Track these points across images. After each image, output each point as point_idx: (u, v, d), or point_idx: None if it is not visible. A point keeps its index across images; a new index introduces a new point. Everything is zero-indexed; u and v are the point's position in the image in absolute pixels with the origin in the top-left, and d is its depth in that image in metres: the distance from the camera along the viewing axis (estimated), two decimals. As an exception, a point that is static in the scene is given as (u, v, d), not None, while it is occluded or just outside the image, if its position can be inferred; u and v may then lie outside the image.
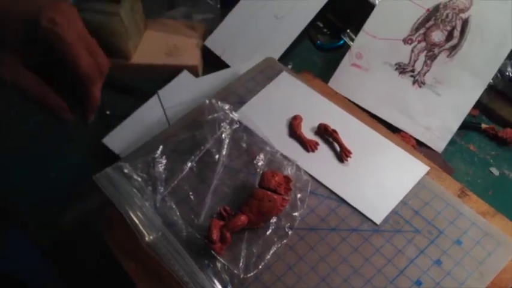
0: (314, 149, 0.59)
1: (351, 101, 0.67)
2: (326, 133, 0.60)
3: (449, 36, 0.69)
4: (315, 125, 0.61)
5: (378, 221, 0.53)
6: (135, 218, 0.53)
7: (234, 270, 0.50)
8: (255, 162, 0.57)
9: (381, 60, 0.71)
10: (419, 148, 0.66)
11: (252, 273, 0.50)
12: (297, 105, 0.63)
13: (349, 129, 0.60)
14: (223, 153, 0.58)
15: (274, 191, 0.52)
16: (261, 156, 0.57)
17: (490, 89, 0.68)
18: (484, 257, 0.50)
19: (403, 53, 0.70)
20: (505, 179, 0.64)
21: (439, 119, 0.67)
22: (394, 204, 0.54)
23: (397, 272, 0.50)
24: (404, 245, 0.51)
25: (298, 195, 0.54)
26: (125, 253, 0.54)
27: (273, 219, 0.53)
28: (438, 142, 0.67)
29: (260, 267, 0.51)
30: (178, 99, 0.70)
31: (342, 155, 0.58)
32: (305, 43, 0.80)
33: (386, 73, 0.70)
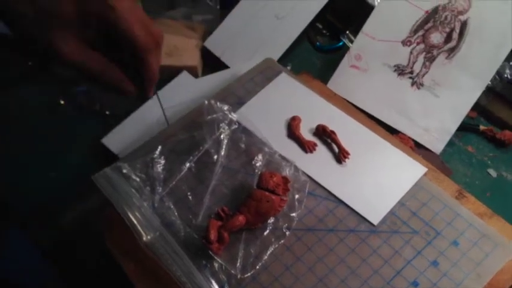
0: (312, 150, 0.59)
1: (349, 102, 0.68)
2: (324, 134, 0.60)
3: (448, 38, 0.69)
4: (314, 126, 0.61)
5: (375, 222, 0.53)
6: (133, 218, 0.54)
7: (232, 271, 0.50)
8: (253, 162, 0.57)
9: (379, 62, 0.71)
10: (417, 149, 0.66)
11: (249, 274, 0.50)
12: (295, 106, 0.63)
13: (347, 130, 0.60)
14: (222, 153, 0.58)
15: (272, 192, 0.52)
16: (260, 156, 0.57)
17: (489, 91, 0.69)
18: (481, 258, 0.50)
19: (402, 55, 0.70)
20: (502, 181, 0.64)
21: (437, 120, 0.67)
22: (391, 205, 0.54)
23: (394, 272, 0.50)
24: (402, 245, 0.51)
25: (296, 196, 0.54)
26: (123, 253, 0.54)
27: (271, 220, 0.53)
28: (436, 143, 0.67)
29: (257, 267, 0.51)
30: (177, 99, 0.70)
31: (340, 156, 0.58)
32: (304, 44, 0.80)
33: (385, 74, 0.70)
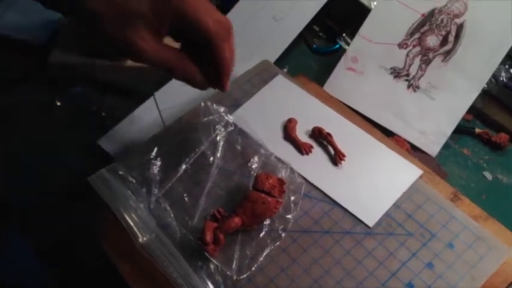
0: (308, 152, 0.59)
1: (345, 105, 0.68)
2: (320, 136, 0.60)
3: (444, 41, 0.69)
4: (310, 128, 0.61)
5: (371, 224, 0.53)
6: (129, 219, 0.54)
7: (227, 272, 0.50)
8: (249, 164, 0.57)
9: (376, 64, 0.71)
10: (413, 152, 0.66)
11: (245, 275, 0.50)
12: (292, 108, 0.63)
13: (343, 133, 0.60)
14: (218, 155, 0.58)
15: (268, 194, 0.52)
16: (256, 158, 0.57)
17: (484, 94, 0.69)
18: (476, 261, 0.50)
19: (398, 57, 0.71)
20: (498, 184, 0.65)
21: (433, 123, 0.67)
22: (387, 208, 0.54)
23: (389, 274, 0.50)
24: (397, 247, 0.51)
25: (292, 198, 0.54)
26: (119, 255, 0.54)
27: (267, 222, 0.53)
28: (432, 146, 0.67)
29: (253, 269, 0.51)
30: (174, 101, 0.70)
31: (336, 158, 0.58)
32: (301, 47, 0.80)
33: (382, 77, 0.71)
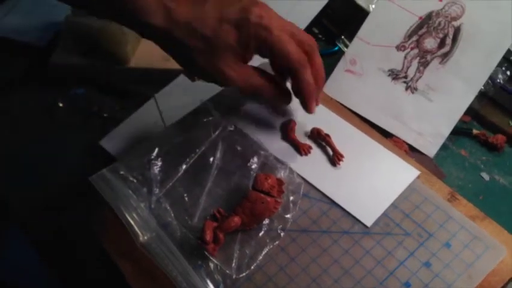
0: (307, 153, 0.60)
1: (344, 106, 0.68)
2: (319, 137, 0.61)
3: (442, 44, 0.70)
4: (309, 129, 0.62)
5: (369, 224, 0.54)
6: (130, 218, 0.54)
7: (227, 271, 0.51)
8: (248, 165, 0.58)
9: (374, 66, 0.72)
10: (411, 153, 0.67)
11: (244, 274, 0.51)
12: (291, 109, 0.64)
13: (342, 134, 0.61)
14: (218, 156, 0.59)
15: (267, 194, 0.53)
16: (255, 159, 0.58)
17: (482, 95, 0.70)
18: (473, 260, 0.51)
19: (396, 60, 0.71)
20: (495, 184, 0.65)
21: (431, 124, 0.68)
22: (384, 207, 0.55)
23: (387, 273, 0.50)
24: (394, 247, 0.52)
25: (291, 198, 0.55)
26: (120, 254, 0.54)
27: (266, 221, 0.54)
28: (430, 147, 0.68)
29: (252, 267, 0.51)
30: (174, 102, 0.71)
31: (335, 158, 0.59)
32: (300, 49, 0.81)
33: (380, 79, 0.71)
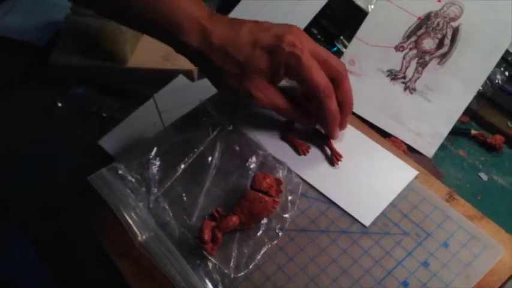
0: (306, 153, 0.60)
1: (343, 106, 0.69)
2: (318, 137, 0.61)
3: (440, 44, 0.70)
4: (303, 128, 0.62)
5: (367, 224, 0.54)
6: (128, 218, 0.54)
7: (225, 270, 0.51)
8: (247, 164, 0.58)
9: (373, 67, 0.72)
10: (409, 153, 0.67)
11: (242, 273, 0.51)
12: None
13: (340, 134, 0.61)
14: (216, 155, 0.59)
15: (265, 193, 0.53)
16: (253, 159, 0.58)
17: (480, 96, 0.70)
18: (471, 260, 0.51)
19: (395, 60, 0.72)
20: (493, 184, 0.65)
21: (429, 124, 0.68)
22: (383, 207, 0.55)
23: (385, 273, 0.51)
24: (393, 246, 0.52)
25: (289, 198, 0.55)
26: (119, 253, 0.54)
27: (264, 221, 0.54)
28: (428, 147, 0.68)
29: (250, 267, 0.51)
30: (173, 102, 0.71)
31: (333, 158, 0.59)
32: (299, 49, 0.81)
33: (379, 79, 0.71)
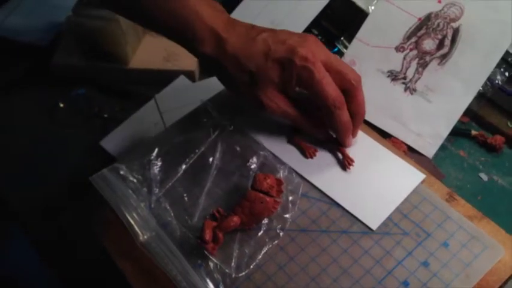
0: (313, 156, 0.60)
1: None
2: (330, 140, 0.60)
3: (440, 45, 0.70)
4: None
5: (374, 227, 0.53)
6: (130, 218, 0.55)
7: (226, 270, 0.51)
8: (248, 165, 0.58)
9: (373, 68, 0.72)
10: (410, 154, 0.67)
11: (243, 273, 0.51)
12: None
13: (353, 141, 0.60)
14: (217, 156, 0.59)
15: (266, 193, 0.53)
16: (254, 159, 0.58)
17: (480, 96, 0.70)
18: (471, 260, 0.51)
19: (395, 61, 0.72)
20: (493, 185, 0.66)
21: (430, 125, 0.68)
22: (390, 211, 0.54)
23: (385, 272, 0.51)
24: (393, 246, 0.52)
25: (290, 198, 0.55)
26: (120, 253, 0.55)
27: (265, 221, 0.54)
28: (429, 148, 0.68)
29: (251, 267, 0.52)
30: (175, 103, 0.71)
31: (345, 163, 0.57)
32: (300, 50, 0.81)
33: (379, 80, 0.72)
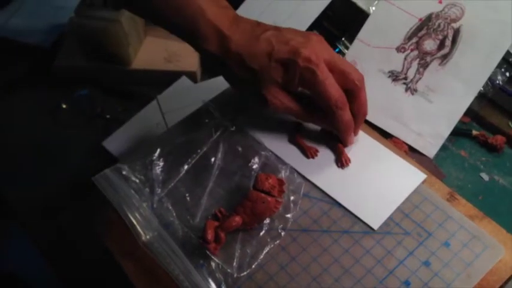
0: (314, 156, 0.60)
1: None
2: (331, 137, 0.60)
3: (441, 45, 0.71)
4: (313, 132, 0.62)
5: (376, 227, 0.53)
6: (132, 218, 0.55)
7: (228, 270, 0.51)
8: (249, 165, 0.58)
9: (374, 68, 0.73)
10: (411, 154, 0.67)
11: (245, 273, 0.51)
12: None
13: (354, 140, 0.61)
14: (219, 156, 0.59)
15: (267, 193, 0.53)
16: (256, 159, 0.58)
17: (481, 96, 0.70)
18: (472, 259, 0.51)
19: (396, 61, 0.72)
20: (494, 184, 0.66)
21: (431, 125, 0.69)
22: (391, 211, 0.55)
23: (387, 272, 0.51)
24: (394, 246, 0.52)
25: (292, 198, 0.55)
26: (123, 253, 0.55)
27: (267, 221, 0.54)
28: (430, 148, 0.68)
29: (253, 266, 0.52)
30: (176, 104, 0.72)
31: (341, 160, 0.58)
32: (301, 51, 0.81)
33: (380, 80, 0.72)
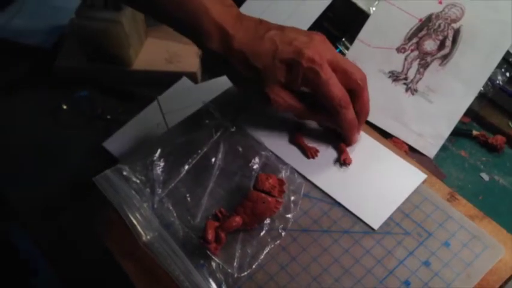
0: (314, 156, 0.60)
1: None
2: (335, 136, 0.60)
3: (441, 46, 0.71)
4: (316, 133, 0.62)
5: (376, 227, 0.54)
6: (133, 218, 0.55)
7: (228, 270, 0.51)
8: (250, 165, 0.58)
9: (375, 68, 0.73)
10: (411, 154, 0.68)
11: (245, 273, 0.51)
12: None
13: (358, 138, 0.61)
14: (220, 156, 0.59)
15: (268, 193, 0.54)
16: (256, 159, 0.58)
17: (481, 97, 0.70)
18: (472, 259, 0.51)
19: (397, 61, 0.72)
20: (494, 185, 0.66)
21: (431, 125, 0.69)
22: (391, 211, 0.55)
23: (387, 272, 0.51)
24: (394, 246, 0.53)
25: (292, 198, 0.55)
26: (123, 253, 0.55)
27: (267, 221, 0.54)
28: (430, 148, 0.68)
29: (254, 267, 0.52)
30: (177, 104, 0.72)
31: (342, 159, 0.58)
32: (302, 51, 0.82)
33: (380, 81, 0.72)
